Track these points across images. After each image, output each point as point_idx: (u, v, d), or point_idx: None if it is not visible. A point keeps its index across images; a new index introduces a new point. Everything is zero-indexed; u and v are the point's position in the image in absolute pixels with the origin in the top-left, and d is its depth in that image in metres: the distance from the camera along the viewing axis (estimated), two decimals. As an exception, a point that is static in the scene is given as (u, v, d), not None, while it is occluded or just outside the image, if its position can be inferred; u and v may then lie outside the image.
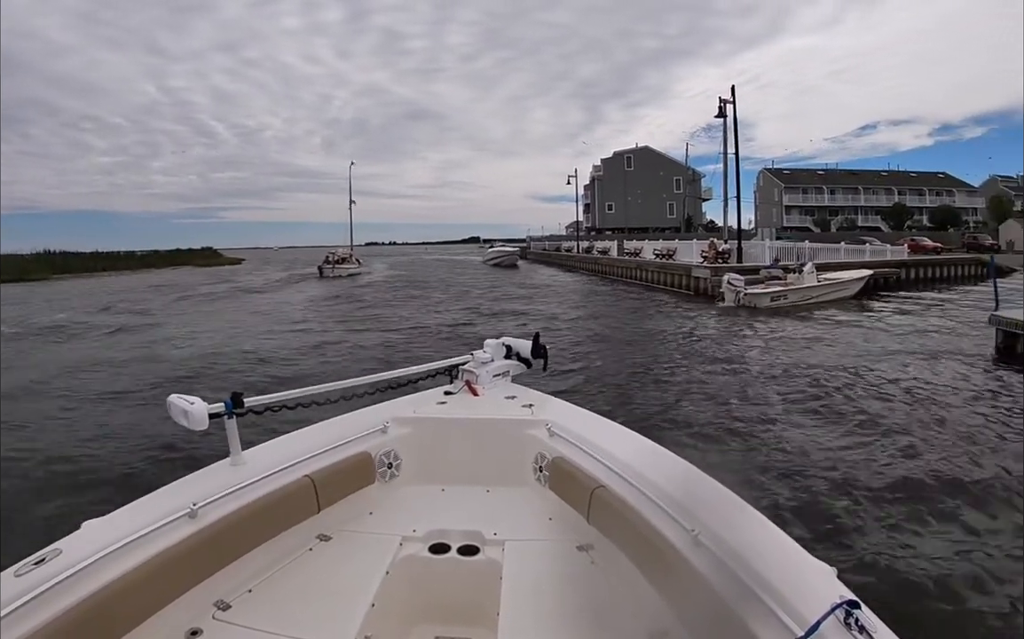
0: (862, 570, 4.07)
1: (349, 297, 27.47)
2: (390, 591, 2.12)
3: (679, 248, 30.97)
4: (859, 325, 15.62)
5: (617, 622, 1.97)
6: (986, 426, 7.21)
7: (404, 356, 12.18)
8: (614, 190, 71.90)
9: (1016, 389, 8.97)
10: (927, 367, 10.65)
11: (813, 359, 11.19)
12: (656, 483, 2.12)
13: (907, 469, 5.86)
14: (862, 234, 45.29)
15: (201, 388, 9.38)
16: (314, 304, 24.57)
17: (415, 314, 20.42)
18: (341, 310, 22.20)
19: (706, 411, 8.17)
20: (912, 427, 7.18)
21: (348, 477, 2.62)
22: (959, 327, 15.07)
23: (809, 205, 68.01)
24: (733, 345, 13.12)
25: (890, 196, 67.21)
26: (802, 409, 8.04)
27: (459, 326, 17.25)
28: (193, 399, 2.13)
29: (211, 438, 2.42)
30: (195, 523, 1.99)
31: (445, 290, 29.15)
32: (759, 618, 1.49)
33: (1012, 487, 5.39)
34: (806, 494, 5.36)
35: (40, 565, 1.63)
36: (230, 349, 13.73)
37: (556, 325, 16.93)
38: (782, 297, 19.24)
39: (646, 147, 73.43)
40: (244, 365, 11.97)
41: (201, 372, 11.34)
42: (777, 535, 1.77)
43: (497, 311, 21.02)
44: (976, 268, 28.59)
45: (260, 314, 21.50)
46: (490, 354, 3.52)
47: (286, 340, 15.04)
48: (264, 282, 39.62)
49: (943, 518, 4.89)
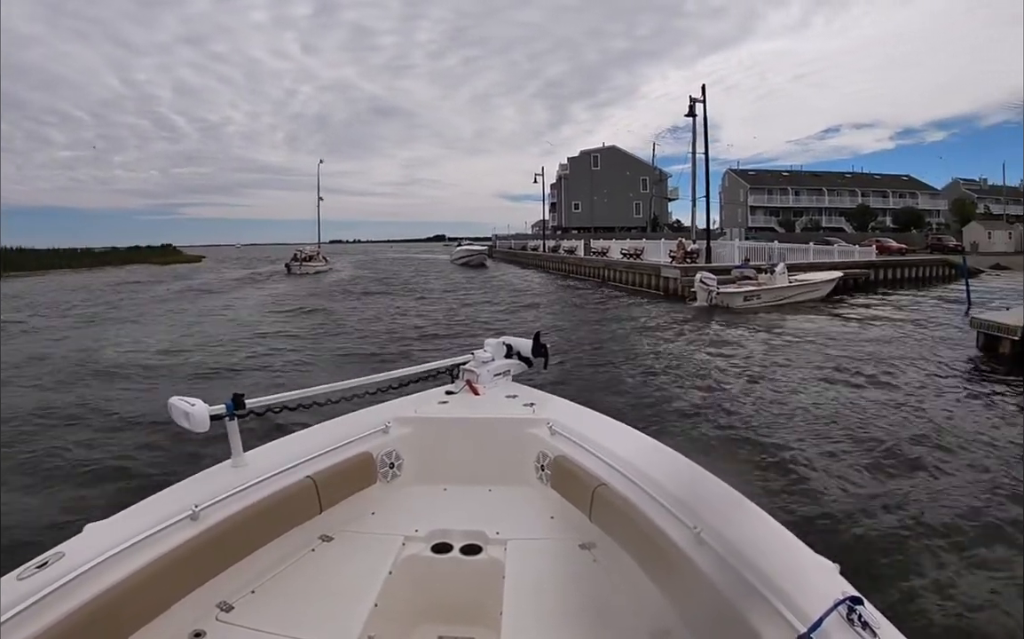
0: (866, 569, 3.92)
1: (312, 292, 25.98)
2: (393, 591, 2.11)
3: (647, 247, 30.30)
4: (837, 326, 15.03)
5: (620, 620, 1.96)
6: (981, 433, 6.91)
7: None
8: (581, 189, 71.51)
9: (1003, 391, 8.74)
10: (911, 369, 10.25)
11: (812, 358, 10.47)
12: (658, 481, 2.13)
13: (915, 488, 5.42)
14: (826, 235, 45.88)
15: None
16: (266, 307, 22.65)
17: (376, 329, 18.97)
18: (297, 313, 20.55)
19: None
20: (904, 433, 6.86)
21: (350, 477, 2.62)
22: (937, 328, 14.75)
23: (774, 206, 68.87)
24: (725, 347, 12.27)
25: (854, 198, 68.66)
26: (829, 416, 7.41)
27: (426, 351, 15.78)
28: (194, 401, 2.12)
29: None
30: (197, 525, 1.98)
31: (408, 293, 27.64)
32: (762, 615, 1.48)
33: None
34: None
35: (43, 568, 1.62)
36: (146, 358, 12.17)
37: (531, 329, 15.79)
38: (755, 297, 18.61)
39: (613, 147, 73.22)
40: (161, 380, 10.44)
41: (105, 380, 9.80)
42: (780, 531, 1.76)
43: (474, 326, 17.38)
44: (944, 269, 28.77)
45: (209, 317, 19.61)
46: (491, 353, 3.50)
47: (234, 348, 13.48)
48: (220, 281, 37.27)
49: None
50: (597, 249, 37.65)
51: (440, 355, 3.61)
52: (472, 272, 41.80)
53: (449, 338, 14.14)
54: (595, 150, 72.98)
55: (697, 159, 27.69)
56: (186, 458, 4.89)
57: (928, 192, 70.46)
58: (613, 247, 35.29)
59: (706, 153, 26.45)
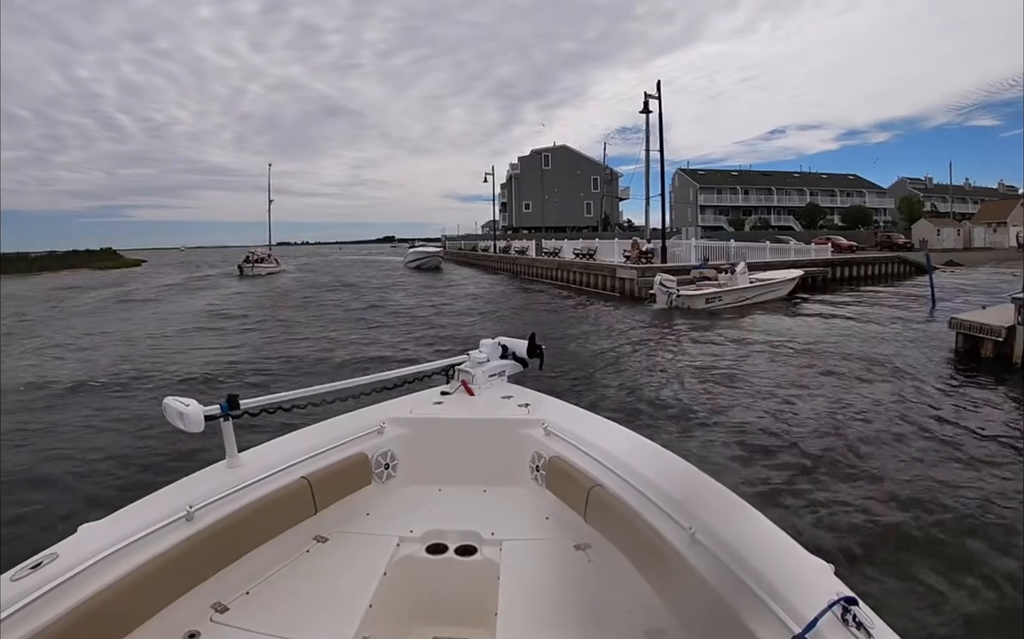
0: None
1: (260, 303, 23.37)
2: (388, 592, 2.11)
3: (600, 247, 29.22)
4: (803, 328, 14.00)
5: (614, 621, 1.94)
6: (963, 435, 6.60)
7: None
8: (531, 189, 70.41)
9: (994, 403, 7.99)
10: (889, 376, 9.48)
11: (779, 370, 9.27)
12: (653, 481, 2.12)
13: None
14: (777, 233, 46.06)
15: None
16: (200, 321, 20.08)
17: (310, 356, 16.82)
18: (235, 330, 18.09)
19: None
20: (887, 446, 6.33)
21: (345, 478, 2.61)
22: (908, 328, 14.03)
23: (723, 205, 69.73)
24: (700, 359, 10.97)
25: (802, 197, 70.16)
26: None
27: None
28: (189, 401, 2.11)
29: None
30: (192, 525, 1.98)
31: (346, 309, 25.49)
32: (756, 615, 1.48)
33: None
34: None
35: (37, 569, 1.62)
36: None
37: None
38: (716, 299, 17.60)
39: (564, 146, 72.16)
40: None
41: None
42: (774, 532, 1.76)
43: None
44: (899, 266, 29.01)
45: (127, 331, 16.75)
46: (486, 354, 3.45)
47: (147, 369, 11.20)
48: (157, 288, 33.74)
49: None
50: (549, 249, 36.42)
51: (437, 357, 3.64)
52: (429, 278, 37.91)
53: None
54: (546, 149, 71.82)
55: (650, 157, 26.67)
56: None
57: (875, 191, 72.80)
58: (565, 247, 34.10)
59: (661, 150, 25.42)
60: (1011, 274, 28.25)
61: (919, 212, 60.87)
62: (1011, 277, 27.06)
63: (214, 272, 46.54)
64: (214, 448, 2.37)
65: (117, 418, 7.74)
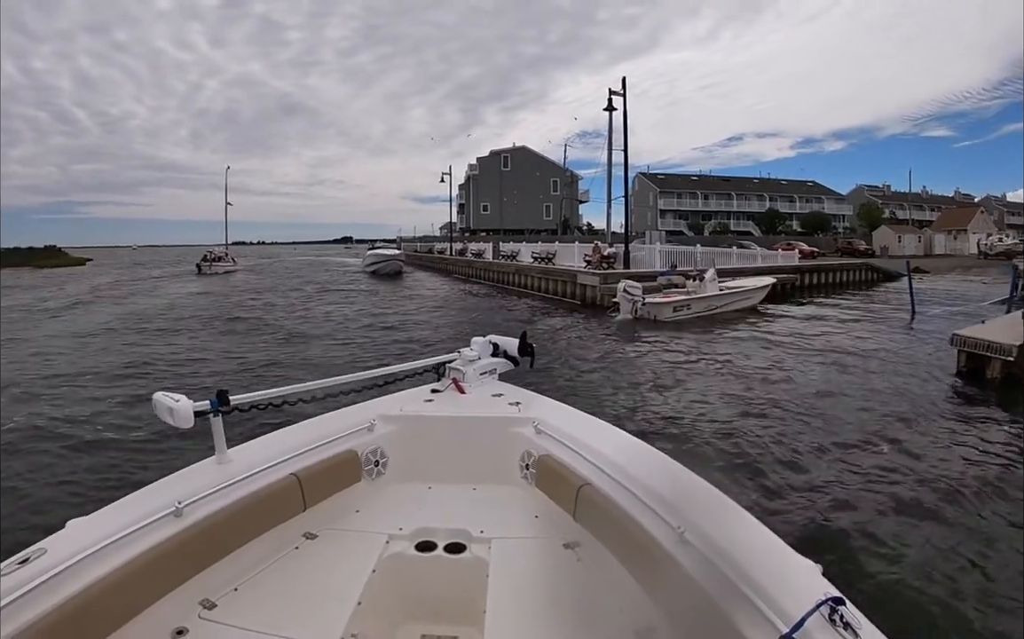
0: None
1: (191, 312, 20.64)
2: (376, 589, 2.10)
3: (559, 251, 27.61)
4: (783, 341, 12.47)
5: (603, 619, 1.94)
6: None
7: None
8: (490, 190, 68.68)
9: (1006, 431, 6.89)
10: (891, 400, 8.14)
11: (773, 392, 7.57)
12: (642, 481, 2.13)
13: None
14: (736, 238, 45.68)
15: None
16: (90, 340, 17.52)
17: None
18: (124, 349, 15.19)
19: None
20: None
21: (334, 475, 2.60)
22: (895, 341, 12.84)
23: (683, 209, 69.73)
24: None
25: (762, 202, 70.72)
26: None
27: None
28: (178, 397, 2.12)
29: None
30: (181, 521, 1.98)
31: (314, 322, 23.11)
32: (744, 614, 1.49)
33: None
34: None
35: (24, 565, 1.62)
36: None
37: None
38: (685, 307, 16.09)
39: (523, 147, 70.68)
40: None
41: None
42: (763, 532, 1.76)
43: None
44: (868, 273, 28.62)
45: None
46: (477, 352, 3.43)
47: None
48: (85, 292, 29.75)
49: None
50: (506, 252, 34.75)
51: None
52: (389, 284, 33.05)
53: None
54: (505, 150, 70.26)
55: (614, 158, 25.22)
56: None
57: (833, 197, 74.01)
58: (523, 250, 32.51)
59: (625, 150, 23.81)
60: (980, 281, 28.04)
61: (879, 219, 61.95)
62: (981, 284, 26.81)
63: (157, 273, 44.23)
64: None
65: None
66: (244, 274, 42.84)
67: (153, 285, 34.15)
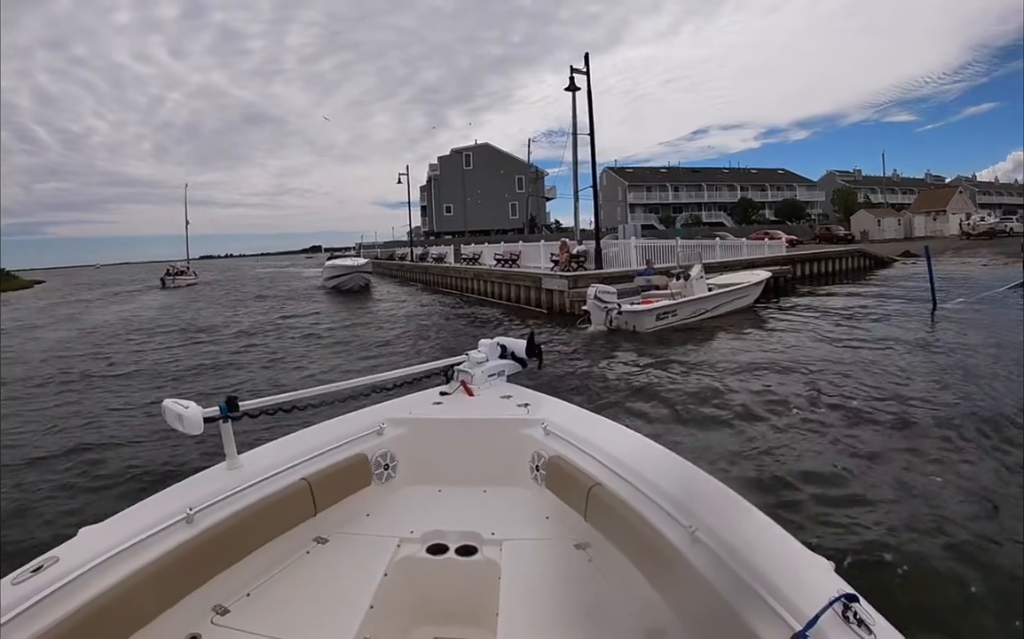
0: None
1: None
2: (388, 593, 2.09)
3: (524, 251, 24.86)
4: (802, 355, 9.53)
5: (615, 620, 1.93)
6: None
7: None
8: (452, 191, 65.65)
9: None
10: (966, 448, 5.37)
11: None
12: (653, 480, 2.10)
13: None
14: (710, 230, 43.91)
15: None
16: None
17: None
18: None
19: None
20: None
21: (344, 479, 2.60)
22: (930, 345, 10.18)
23: (653, 203, 68.03)
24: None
25: (733, 192, 69.19)
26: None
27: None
28: (188, 403, 2.09)
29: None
30: (192, 528, 1.97)
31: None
32: (757, 613, 1.47)
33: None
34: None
35: (37, 573, 1.62)
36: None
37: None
38: (670, 314, 13.32)
39: (486, 144, 67.71)
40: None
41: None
42: (775, 530, 1.74)
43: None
44: (860, 260, 26.69)
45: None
46: (485, 354, 3.42)
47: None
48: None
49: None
50: (468, 256, 31.83)
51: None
52: (351, 303, 25.79)
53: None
54: (467, 148, 67.09)
55: (582, 150, 22.43)
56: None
57: (805, 184, 73.05)
58: (486, 252, 29.71)
59: (591, 134, 20.90)
60: (981, 264, 26.03)
61: (854, 204, 61.13)
62: (981, 267, 24.77)
63: (92, 296, 40.82)
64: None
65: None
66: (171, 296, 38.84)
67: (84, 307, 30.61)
